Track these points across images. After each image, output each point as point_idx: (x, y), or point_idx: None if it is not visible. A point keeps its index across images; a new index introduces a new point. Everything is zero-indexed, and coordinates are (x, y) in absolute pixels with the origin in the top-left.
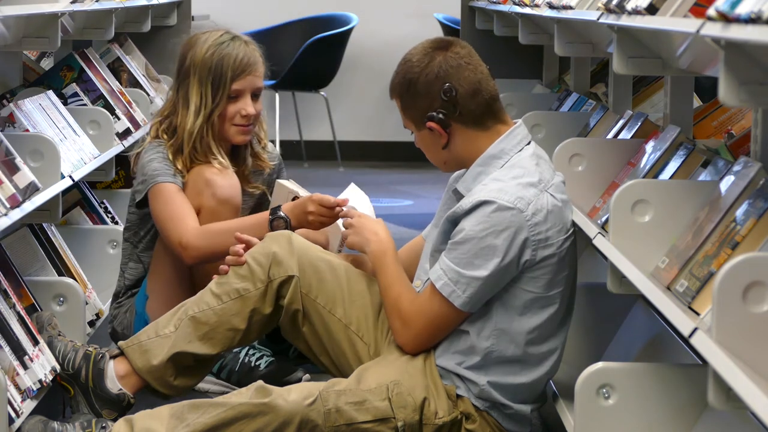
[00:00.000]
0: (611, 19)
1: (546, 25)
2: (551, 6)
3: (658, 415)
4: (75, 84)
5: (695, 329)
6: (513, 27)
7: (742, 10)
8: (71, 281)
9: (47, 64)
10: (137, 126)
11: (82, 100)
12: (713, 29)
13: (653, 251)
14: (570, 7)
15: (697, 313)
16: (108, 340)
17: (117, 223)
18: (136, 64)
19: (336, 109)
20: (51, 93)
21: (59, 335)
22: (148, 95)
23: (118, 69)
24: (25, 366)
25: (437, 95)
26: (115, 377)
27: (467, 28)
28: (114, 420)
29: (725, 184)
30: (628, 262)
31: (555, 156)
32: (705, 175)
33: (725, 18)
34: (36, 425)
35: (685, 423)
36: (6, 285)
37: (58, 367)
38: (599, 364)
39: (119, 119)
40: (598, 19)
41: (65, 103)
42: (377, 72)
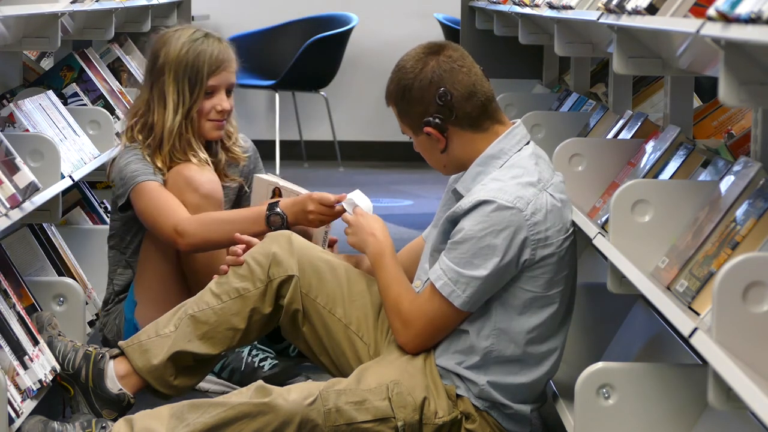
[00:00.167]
0: (611, 19)
1: (546, 25)
2: (551, 6)
3: (658, 415)
4: (75, 84)
5: (695, 329)
6: (513, 27)
7: (742, 10)
8: (71, 281)
9: (47, 64)
10: None
11: (82, 100)
12: (713, 29)
13: (653, 251)
14: (570, 7)
15: (697, 313)
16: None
17: None
18: (136, 64)
19: (336, 109)
20: (51, 93)
21: (59, 335)
22: None
23: (118, 69)
24: (25, 366)
25: (432, 100)
26: (115, 377)
27: (467, 28)
28: (114, 420)
29: (725, 184)
30: (628, 262)
31: (555, 156)
32: (705, 175)
33: (725, 18)
34: (36, 425)
35: (685, 423)
36: (6, 285)
37: (58, 367)
38: (599, 364)
39: (119, 119)
40: (598, 19)
41: (65, 103)
42: (377, 72)
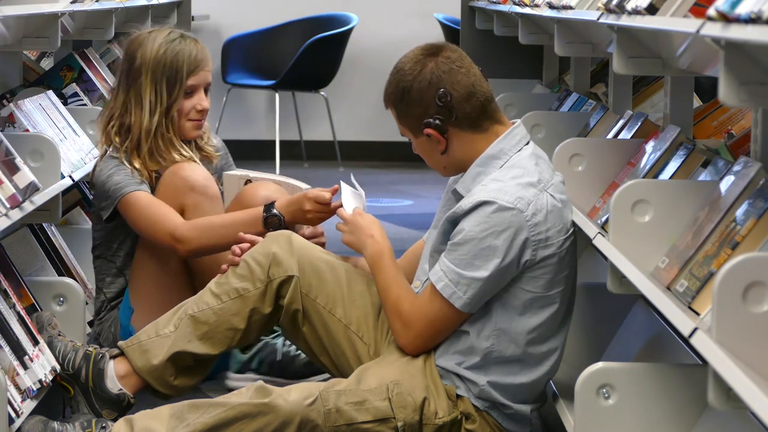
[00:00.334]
0: (611, 19)
1: (546, 25)
2: (551, 6)
3: (658, 415)
4: (75, 84)
5: (695, 329)
6: (513, 27)
7: (742, 10)
8: (71, 281)
9: (47, 64)
10: None
11: (82, 100)
12: (713, 29)
13: (653, 251)
14: (570, 7)
15: (697, 313)
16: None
17: None
18: None
19: (336, 109)
20: (51, 93)
21: (59, 335)
22: None
23: (118, 69)
24: (25, 366)
25: (432, 102)
26: (115, 377)
27: (467, 28)
28: (114, 420)
29: (725, 184)
30: (628, 262)
31: (555, 156)
32: (705, 175)
33: (725, 18)
34: (36, 425)
35: (685, 423)
36: (6, 285)
37: (58, 367)
38: (599, 364)
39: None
40: (598, 19)
41: (65, 103)
42: (377, 72)
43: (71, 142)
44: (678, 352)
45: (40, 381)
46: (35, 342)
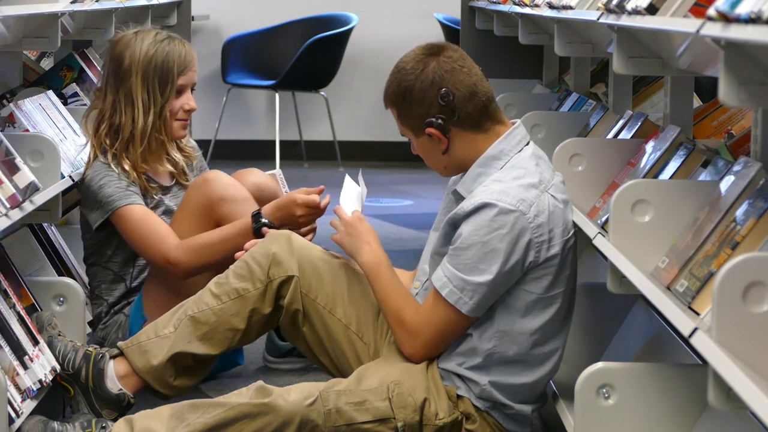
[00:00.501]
0: (611, 19)
1: (546, 25)
2: (551, 6)
3: (658, 415)
4: (75, 84)
5: (695, 329)
6: (513, 27)
7: (742, 10)
8: (71, 281)
9: (47, 64)
10: None
11: (82, 100)
12: (713, 29)
13: (653, 251)
14: (570, 7)
15: (697, 313)
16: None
17: None
18: None
19: (336, 109)
20: (51, 93)
21: (59, 335)
22: None
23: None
24: (25, 366)
25: (434, 101)
26: (115, 377)
27: (467, 28)
28: (114, 420)
29: (725, 184)
30: (628, 262)
31: (555, 156)
32: (705, 175)
33: (725, 18)
34: (36, 425)
35: (685, 423)
36: (6, 285)
37: (58, 367)
38: (599, 364)
39: None
40: (598, 19)
41: (65, 103)
42: (377, 72)
43: (71, 142)
44: (678, 352)
45: (40, 381)
46: (35, 342)
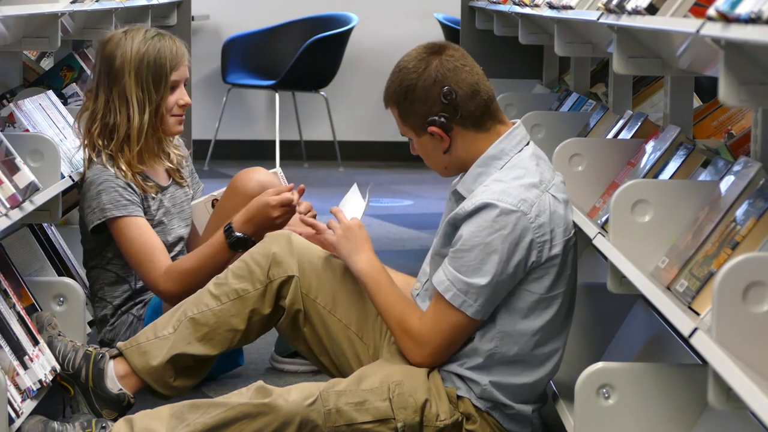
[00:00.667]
0: (611, 19)
1: (546, 25)
2: (551, 6)
3: (658, 415)
4: (75, 84)
5: (695, 329)
6: (513, 27)
7: (742, 10)
8: (71, 281)
9: (47, 64)
10: None
11: (82, 100)
12: (713, 29)
13: (653, 251)
14: (570, 7)
15: (697, 313)
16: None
17: None
18: None
19: (336, 109)
20: (51, 93)
21: (59, 335)
22: None
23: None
24: (25, 366)
25: (437, 99)
26: (115, 377)
27: (467, 28)
28: (114, 420)
29: (725, 184)
30: (628, 262)
31: (555, 156)
32: (705, 175)
33: (725, 18)
34: (36, 425)
35: (685, 423)
36: (6, 285)
37: (58, 367)
38: (599, 364)
39: None
40: (598, 19)
41: (65, 103)
42: (377, 72)
43: (71, 142)
44: (678, 352)
45: (40, 381)
46: (35, 342)
